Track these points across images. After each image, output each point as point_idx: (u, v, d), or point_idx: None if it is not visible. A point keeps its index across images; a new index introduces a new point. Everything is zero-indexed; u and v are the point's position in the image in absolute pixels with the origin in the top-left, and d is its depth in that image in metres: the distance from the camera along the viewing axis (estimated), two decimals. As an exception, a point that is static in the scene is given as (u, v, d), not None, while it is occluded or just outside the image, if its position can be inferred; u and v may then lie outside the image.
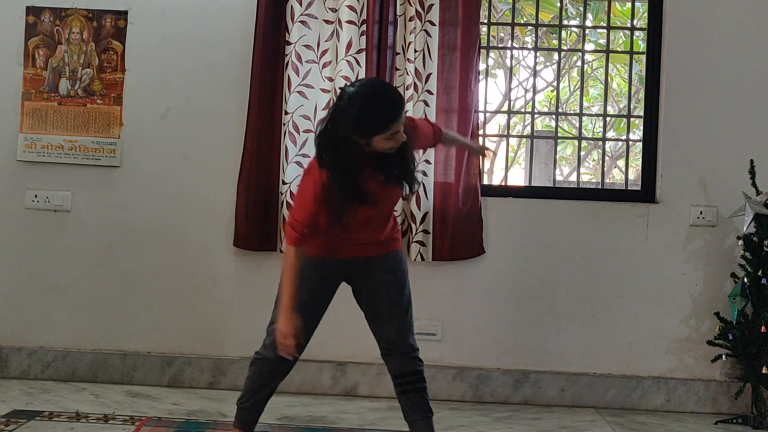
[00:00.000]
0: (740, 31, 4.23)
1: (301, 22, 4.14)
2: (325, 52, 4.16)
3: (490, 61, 6.06)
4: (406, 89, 4.10)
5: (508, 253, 4.22)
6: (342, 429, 3.57)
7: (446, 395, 4.19)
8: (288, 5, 4.14)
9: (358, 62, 4.11)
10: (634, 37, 4.62)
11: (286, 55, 4.13)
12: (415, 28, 4.11)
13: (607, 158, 6.22)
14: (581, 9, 5.16)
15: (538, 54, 5.66)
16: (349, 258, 2.92)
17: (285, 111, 4.13)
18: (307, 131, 4.15)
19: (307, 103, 4.15)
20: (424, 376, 3.00)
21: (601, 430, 3.77)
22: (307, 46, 4.15)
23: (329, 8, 4.15)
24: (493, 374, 4.21)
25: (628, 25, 4.78)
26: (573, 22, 6.56)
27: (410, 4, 4.13)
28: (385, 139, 2.61)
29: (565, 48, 6.46)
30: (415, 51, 4.11)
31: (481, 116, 4.30)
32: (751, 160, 4.03)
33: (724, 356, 4.01)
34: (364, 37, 4.12)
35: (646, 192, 4.29)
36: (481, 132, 4.29)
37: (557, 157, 5.25)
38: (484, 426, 3.74)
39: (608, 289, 4.22)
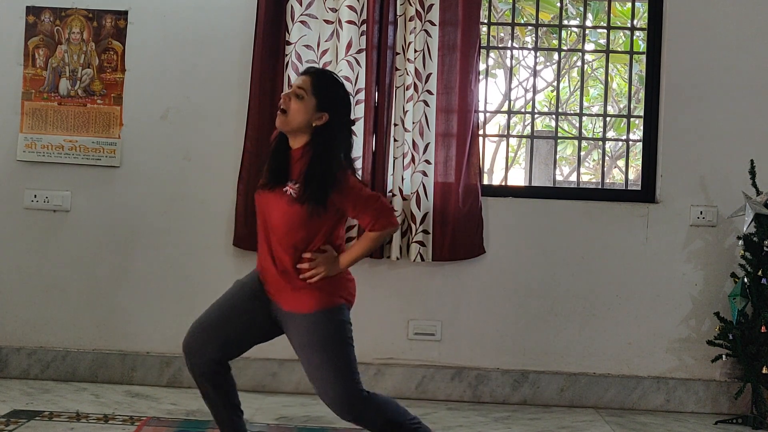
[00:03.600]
0: (740, 31, 4.23)
1: (301, 22, 4.14)
2: (325, 52, 4.16)
3: (490, 61, 6.07)
4: (407, 89, 4.10)
5: (508, 253, 4.22)
6: (339, 429, 3.56)
7: (445, 395, 4.19)
8: (288, 5, 4.14)
9: (358, 62, 4.11)
10: (634, 37, 4.62)
11: (286, 55, 4.13)
12: (415, 28, 4.11)
13: (607, 158, 6.22)
14: (581, 9, 5.17)
15: (538, 54, 5.66)
16: (269, 294, 2.72)
17: (285, 111, 4.13)
18: (306, 131, 4.15)
19: (307, 103, 4.14)
20: None
21: (601, 430, 3.76)
22: (307, 46, 4.15)
23: (329, 8, 4.15)
24: (492, 374, 4.21)
25: (628, 25, 4.78)
26: (573, 22, 6.57)
27: (410, 4, 4.13)
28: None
29: (565, 48, 6.47)
30: (415, 51, 4.11)
31: (481, 116, 4.30)
32: (751, 160, 4.03)
33: (724, 356, 4.01)
34: (364, 37, 4.12)
35: (646, 192, 4.29)
36: (481, 132, 4.29)
37: (557, 157, 5.25)
38: (483, 426, 3.74)
39: (608, 289, 4.22)
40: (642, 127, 4.38)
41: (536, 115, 5.15)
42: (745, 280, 3.91)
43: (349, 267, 2.72)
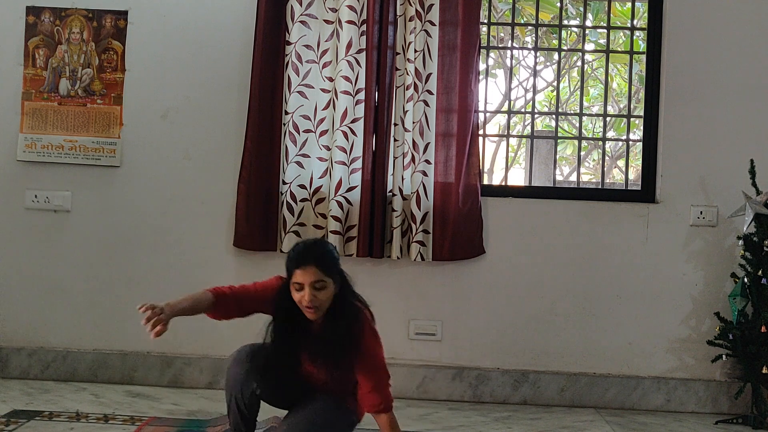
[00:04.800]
0: (740, 31, 4.23)
1: (301, 22, 4.14)
2: (325, 52, 4.16)
3: (490, 61, 6.07)
4: (407, 89, 4.10)
5: (508, 253, 4.22)
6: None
7: (445, 395, 4.19)
8: (288, 5, 4.14)
9: (358, 62, 4.11)
10: (634, 37, 4.62)
11: (286, 55, 4.13)
12: (415, 28, 4.11)
13: (607, 158, 6.22)
14: (581, 9, 5.17)
15: (538, 54, 5.66)
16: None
17: (285, 111, 4.13)
18: (307, 131, 4.15)
19: (307, 103, 4.15)
20: None
21: (601, 430, 3.76)
22: (307, 46, 4.15)
23: (329, 8, 4.15)
24: (492, 374, 4.21)
25: (628, 25, 4.78)
26: (573, 22, 6.57)
27: (410, 4, 4.13)
28: (294, 288, 2.72)
29: (565, 48, 6.46)
30: (415, 51, 4.11)
31: (481, 116, 4.30)
32: (751, 160, 4.03)
33: (724, 356, 4.01)
34: (364, 37, 4.12)
35: (646, 192, 4.29)
36: (481, 132, 4.29)
37: (557, 157, 5.25)
38: (483, 426, 3.74)
39: (608, 289, 4.22)
40: (642, 127, 4.38)
41: (536, 115, 5.15)
42: (745, 280, 3.91)
43: None
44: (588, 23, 5.59)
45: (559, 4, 5.09)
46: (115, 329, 4.21)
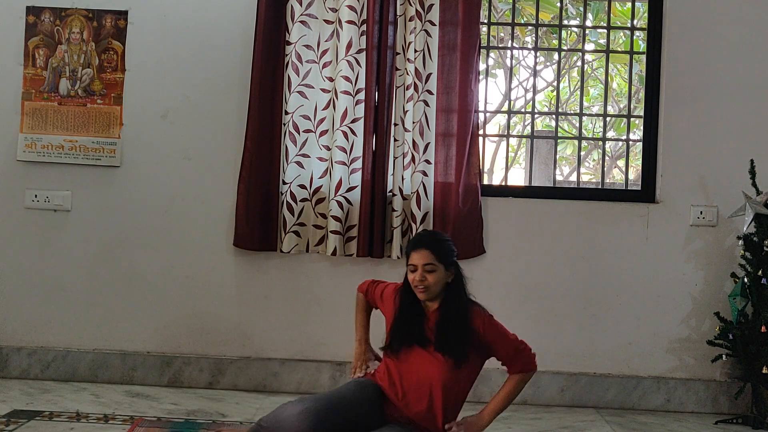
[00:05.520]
0: (740, 31, 4.23)
1: (301, 22, 4.14)
2: (325, 52, 4.16)
3: (490, 61, 6.07)
4: (407, 89, 4.10)
5: (508, 253, 4.22)
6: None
7: (446, 395, 4.18)
8: (288, 5, 4.14)
9: (358, 62, 4.12)
10: (634, 37, 4.63)
11: (286, 55, 4.13)
12: (415, 28, 4.11)
13: (607, 158, 6.22)
14: (581, 9, 5.17)
15: (538, 54, 5.66)
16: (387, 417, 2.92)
17: (285, 111, 4.14)
18: (307, 131, 4.15)
19: (307, 103, 4.15)
20: None
21: (601, 430, 3.76)
22: (307, 46, 4.15)
23: (329, 8, 4.15)
24: (492, 374, 4.19)
25: (628, 25, 4.78)
26: (573, 22, 6.57)
27: (410, 4, 4.13)
28: (410, 270, 2.92)
29: (565, 48, 6.47)
30: (415, 51, 4.11)
31: (481, 116, 4.30)
32: (751, 160, 4.03)
33: (724, 356, 4.01)
34: (364, 37, 4.12)
35: (646, 192, 4.29)
36: (481, 132, 4.29)
37: (557, 157, 5.25)
38: (484, 426, 3.73)
39: (608, 289, 4.22)
40: (642, 127, 4.38)
41: (536, 115, 5.15)
42: (745, 280, 3.91)
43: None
44: (588, 23, 5.60)
45: (559, 4, 5.09)
46: (115, 329, 4.21)
